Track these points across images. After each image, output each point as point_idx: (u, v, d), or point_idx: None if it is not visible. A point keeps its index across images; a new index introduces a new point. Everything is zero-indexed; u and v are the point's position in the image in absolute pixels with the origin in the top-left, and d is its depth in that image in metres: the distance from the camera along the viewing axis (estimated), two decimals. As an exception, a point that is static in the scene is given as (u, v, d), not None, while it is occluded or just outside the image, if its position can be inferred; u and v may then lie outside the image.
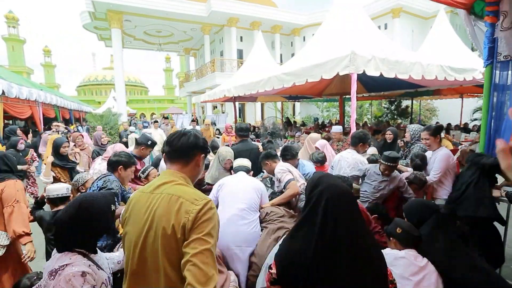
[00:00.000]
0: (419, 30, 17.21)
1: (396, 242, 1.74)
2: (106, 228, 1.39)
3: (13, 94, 6.90)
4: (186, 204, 1.06)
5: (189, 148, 1.21)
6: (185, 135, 1.22)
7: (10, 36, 45.92)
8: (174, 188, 1.13)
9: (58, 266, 1.19)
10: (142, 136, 3.45)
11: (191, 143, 1.21)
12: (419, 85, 6.44)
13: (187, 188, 1.15)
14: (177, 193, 1.10)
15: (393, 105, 12.83)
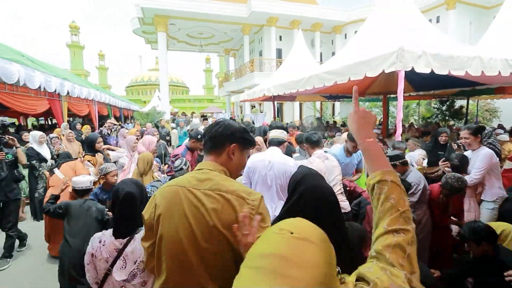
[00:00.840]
0: (478, 22, 15.53)
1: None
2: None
3: (75, 94, 7.71)
4: (237, 201, 0.97)
5: (221, 138, 1.13)
6: (218, 125, 1.16)
7: (73, 43, 51.42)
8: (217, 182, 1.03)
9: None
10: (193, 130, 3.74)
11: (222, 133, 1.13)
12: (477, 82, 5.83)
13: (231, 182, 1.05)
14: (222, 188, 1.00)
15: (445, 105, 11.76)
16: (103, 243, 1.37)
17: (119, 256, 1.35)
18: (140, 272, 1.35)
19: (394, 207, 0.72)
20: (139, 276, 1.34)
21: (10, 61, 4.78)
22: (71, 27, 51.59)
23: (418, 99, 12.14)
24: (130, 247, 1.36)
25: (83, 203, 2.43)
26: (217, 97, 45.37)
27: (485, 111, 12.65)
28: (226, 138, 1.13)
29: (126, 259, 1.35)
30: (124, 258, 1.35)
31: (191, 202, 1.00)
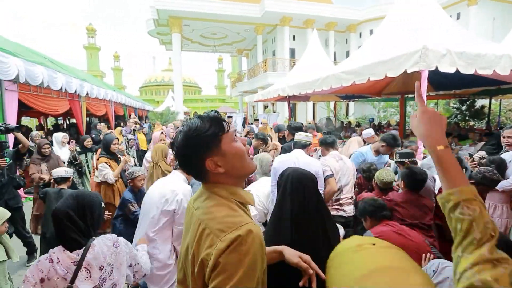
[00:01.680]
0: (502, 18, 14.91)
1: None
2: (100, 221, 1.50)
3: (93, 95, 7.92)
4: (210, 237, 0.77)
5: (187, 156, 0.86)
6: (179, 136, 0.86)
7: (90, 45, 52.88)
8: (203, 208, 0.85)
9: (116, 239, 1.45)
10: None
11: (185, 145, 0.85)
12: (503, 81, 5.59)
13: (217, 208, 0.82)
14: (203, 216, 0.82)
15: (465, 105, 11.36)
16: (56, 261, 1.29)
17: (79, 267, 1.29)
18: (109, 275, 1.34)
19: (488, 234, 0.62)
20: (109, 279, 1.33)
21: (34, 63, 4.95)
22: (88, 29, 53.05)
23: (436, 99, 11.79)
24: (90, 255, 1.31)
25: (58, 191, 2.79)
26: (229, 97, 45.58)
27: (508, 111, 12.15)
28: (195, 152, 0.84)
29: (90, 268, 1.30)
30: (87, 268, 1.30)
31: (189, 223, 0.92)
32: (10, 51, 4.42)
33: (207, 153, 0.83)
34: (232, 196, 0.85)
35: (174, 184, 2.11)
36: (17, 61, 4.46)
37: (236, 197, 0.86)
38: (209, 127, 0.83)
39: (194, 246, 0.80)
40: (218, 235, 0.75)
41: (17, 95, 4.72)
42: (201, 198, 0.88)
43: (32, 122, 16.89)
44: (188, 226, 0.91)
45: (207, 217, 0.81)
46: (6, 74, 4.25)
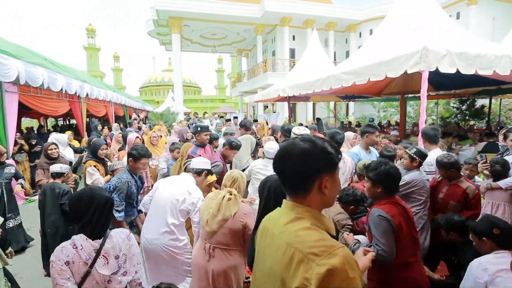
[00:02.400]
0: (502, 17, 14.90)
1: (492, 244, 1.66)
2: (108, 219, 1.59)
3: (93, 96, 7.92)
4: (304, 262, 0.75)
5: (305, 166, 0.87)
6: (291, 152, 0.89)
7: (89, 45, 52.87)
8: (289, 232, 0.85)
9: (127, 231, 1.60)
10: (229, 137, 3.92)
11: (306, 160, 0.87)
12: (503, 81, 5.59)
13: (306, 232, 0.82)
14: (292, 240, 0.82)
15: (465, 105, 11.36)
16: (80, 248, 1.42)
17: (99, 254, 1.43)
18: (123, 264, 1.49)
19: None
20: (123, 267, 1.49)
21: (35, 65, 4.95)
22: (88, 30, 53.03)
23: (436, 99, 11.79)
24: (108, 244, 1.46)
25: (52, 185, 3.13)
26: (229, 97, 45.56)
27: (508, 110, 12.16)
28: (315, 165, 0.87)
29: (107, 256, 1.45)
30: (105, 256, 1.44)
31: (271, 248, 0.92)
32: (10, 53, 4.42)
33: (325, 172, 0.87)
34: (318, 222, 0.86)
35: (189, 186, 2.39)
36: (17, 62, 4.46)
37: (321, 224, 0.87)
38: (334, 151, 0.89)
39: (282, 272, 0.79)
40: (313, 259, 0.74)
41: (17, 96, 4.72)
42: (283, 220, 0.89)
43: (32, 123, 16.90)
44: (265, 249, 0.92)
45: (297, 240, 0.80)
46: (6, 76, 4.25)
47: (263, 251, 0.94)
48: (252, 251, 1.20)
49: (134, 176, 2.79)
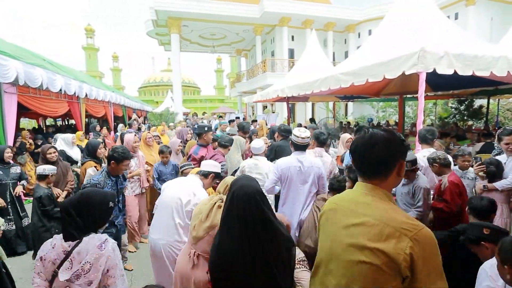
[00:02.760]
0: (500, 18, 14.97)
1: (492, 245, 1.58)
2: (102, 219, 1.59)
3: (92, 96, 7.91)
4: (396, 236, 0.91)
5: (387, 153, 1.02)
6: (376, 141, 1.04)
7: (88, 45, 52.81)
8: (376, 208, 1.00)
9: (104, 240, 1.48)
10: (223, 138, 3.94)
11: (389, 148, 1.02)
12: (500, 82, 5.62)
13: (392, 210, 0.98)
14: (381, 216, 0.96)
15: (463, 105, 11.40)
16: (53, 246, 1.44)
17: (67, 257, 1.41)
18: (84, 273, 1.40)
19: None
20: (83, 276, 1.39)
21: (34, 66, 4.95)
22: (86, 30, 52.94)
23: (435, 99, 11.83)
24: (77, 249, 1.42)
25: (37, 187, 3.13)
26: (228, 97, 45.53)
27: (506, 110, 12.21)
28: (395, 152, 1.03)
29: (73, 260, 1.40)
30: (71, 260, 1.40)
31: (351, 224, 1.07)
32: (9, 54, 4.42)
33: (401, 158, 1.04)
34: (393, 202, 1.05)
35: (195, 187, 2.36)
36: (16, 63, 4.46)
37: (395, 204, 1.05)
38: (406, 142, 1.08)
39: (367, 242, 0.95)
40: (405, 233, 0.90)
41: (16, 97, 4.72)
42: (365, 200, 1.04)
43: (31, 123, 16.87)
44: (337, 225, 1.09)
45: (387, 217, 0.96)
46: (5, 77, 4.25)
47: (333, 227, 1.11)
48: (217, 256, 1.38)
49: (112, 177, 2.79)
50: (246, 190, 1.40)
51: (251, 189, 1.41)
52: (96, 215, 1.53)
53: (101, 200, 1.56)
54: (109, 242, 1.49)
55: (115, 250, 1.49)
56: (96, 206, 1.53)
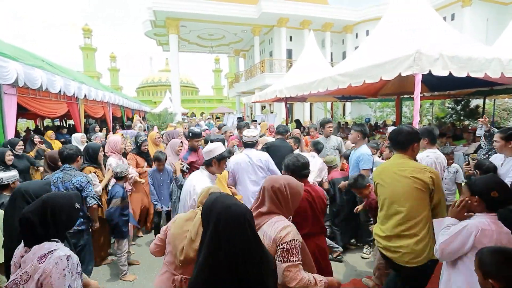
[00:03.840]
0: (496, 18, 15.10)
1: (483, 204, 1.64)
2: (70, 222, 1.56)
3: (91, 97, 7.92)
4: (423, 171, 1.99)
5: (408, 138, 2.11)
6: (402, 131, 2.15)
7: (86, 45, 52.63)
8: (411, 164, 2.07)
9: (48, 251, 1.35)
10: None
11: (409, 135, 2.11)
12: (495, 82, 5.71)
13: (418, 164, 2.13)
14: (415, 166, 2.06)
15: (460, 105, 11.51)
16: (18, 249, 1.46)
17: (19, 262, 1.41)
18: (23, 283, 1.31)
19: None
20: (22, 286, 1.31)
21: (33, 67, 4.96)
22: (84, 30, 52.77)
23: (432, 99, 11.93)
24: (25, 257, 1.38)
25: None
26: (226, 97, 45.57)
27: (502, 110, 12.33)
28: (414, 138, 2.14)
29: (21, 268, 1.38)
30: (19, 266, 1.40)
31: (397, 171, 2.13)
32: (9, 55, 4.44)
33: (415, 141, 2.12)
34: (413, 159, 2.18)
35: (197, 181, 2.36)
36: (16, 65, 4.48)
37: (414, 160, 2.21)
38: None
39: (413, 173, 2.00)
40: (426, 169, 2.02)
41: (16, 98, 4.73)
42: (403, 160, 2.11)
43: (29, 124, 16.83)
44: (390, 172, 2.13)
45: (416, 165, 2.06)
46: (5, 78, 4.27)
47: (388, 177, 2.14)
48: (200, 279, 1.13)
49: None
50: (234, 212, 1.17)
51: (240, 210, 1.18)
52: (63, 219, 1.47)
53: (67, 204, 1.51)
54: (53, 255, 1.34)
55: (57, 264, 1.32)
56: (62, 211, 1.47)
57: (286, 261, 1.41)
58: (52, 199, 1.49)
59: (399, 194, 2.03)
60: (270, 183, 1.61)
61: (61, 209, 1.47)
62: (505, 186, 1.67)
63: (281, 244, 1.42)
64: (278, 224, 1.49)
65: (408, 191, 1.99)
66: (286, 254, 1.41)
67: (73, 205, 1.55)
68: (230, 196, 1.32)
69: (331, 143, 4.49)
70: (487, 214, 1.63)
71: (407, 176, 1.99)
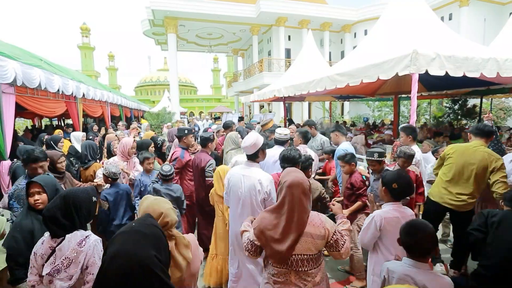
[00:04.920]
0: (493, 18, 15.18)
1: (389, 194, 2.03)
2: (90, 214, 1.65)
3: (90, 96, 7.91)
4: (489, 157, 2.59)
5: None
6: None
7: (84, 44, 52.35)
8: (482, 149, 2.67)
9: (84, 237, 1.53)
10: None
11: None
12: (492, 82, 5.75)
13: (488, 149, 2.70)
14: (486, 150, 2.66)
15: (457, 104, 11.57)
16: (42, 242, 1.54)
17: (52, 253, 1.49)
18: (64, 268, 1.46)
19: None
20: (64, 271, 1.46)
21: (32, 66, 4.96)
22: (82, 29, 52.51)
23: (429, 99, 11.99)
24: (60, 245, 1.49)
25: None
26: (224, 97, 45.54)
27: (499, 110, 12.40)
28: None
29: (56, 256, 1.48)
30: (55, 255, 1.49)
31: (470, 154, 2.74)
32: (7, 54, 4.43)
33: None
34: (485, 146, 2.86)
35: (259, 174, 2.36)
36: (14, 64, 4.47)
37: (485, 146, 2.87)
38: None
39: (483, 162, 2.64)
40: (498, 157, 2.63)
41: (14, 98, 4.73)
42: (472, 145, 2.78)
43: (26, 123, 16.77)
44: (466, 155, 2.74)
45: (488, 151, 2.69)
46: (4, 78, 4.26)
47: (462, 156, 2.75)
48: None
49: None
50: (123, 262, 1.00)
51: (136, 259, 1.01)
52: (84, 212, 1.59)
53: (86, 198, 1.62)
54: (90, 239, 1.54)
55: (96, 247, 1.53)
56: (83, 205, 1.58)
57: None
58: (73, 193, 1.59)
59: (467, 169, 2.73)
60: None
61: (81, 203, 1.58)
62: (405, 180, 2.01)
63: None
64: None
65: (473, 171, 2.69)
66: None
67: (90, 198, 1.64)
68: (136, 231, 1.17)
69: (316, 143, 4.58)
70: (392, 203, 2.00)
71: (476, 161, 2.68)
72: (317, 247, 1.53)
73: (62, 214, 1.52)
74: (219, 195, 2.90)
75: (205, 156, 3.54)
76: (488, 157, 2.61)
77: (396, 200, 2.00)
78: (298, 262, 1.52)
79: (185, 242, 1.51)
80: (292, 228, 1.50)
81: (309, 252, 1.52)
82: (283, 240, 1.51)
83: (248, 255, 1.63)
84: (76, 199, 1.57)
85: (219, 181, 2.93)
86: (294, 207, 1.50)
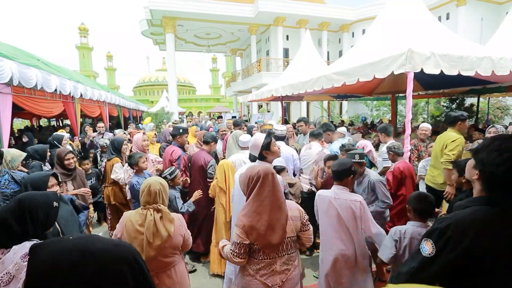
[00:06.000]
0: (490, 18, 15.25)
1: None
2: (49, 222, 1.49)
3: (87, 96, 7.91)
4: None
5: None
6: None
7: (82, 45, 52.23)
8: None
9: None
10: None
11: None
12: (488, 81, 5.78)
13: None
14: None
15: (455, 103, 11.61)
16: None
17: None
18: (3, 284, 1.27)
19: None
20: (3, 287, 1.28)
21: (28, 66, 4.96)
22: (80, 29, 52.36)
23: (427, 98, 12.03)
24: (3, 258, 1.31)
25: None
26: (223, 97, 45.52)
27: (496, 109, 12.45)
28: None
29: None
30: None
31: None
32: (4, 54, 4.43)
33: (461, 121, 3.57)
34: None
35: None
36: (11, 63, 4.47)
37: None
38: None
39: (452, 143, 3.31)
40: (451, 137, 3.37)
41: (11, 97, 4.73)
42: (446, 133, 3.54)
43: (24, 124, 16.73)
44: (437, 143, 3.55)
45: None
46: (0, 77, 4.27)
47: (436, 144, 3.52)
48: None
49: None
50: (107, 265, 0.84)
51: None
52: (41, 218, 1.43)
53: (44, 201, 1.47)
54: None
55: None
56: (39, 209, 1.43)
57: None
58: (30, 197, 1.45)
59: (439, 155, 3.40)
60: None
61: (38, 207, 1.42)
62: (341, 167, 2.25)
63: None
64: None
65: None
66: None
67: (50, 203, 1.50)
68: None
69: (307, 141, 4.53)
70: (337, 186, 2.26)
71: (447, 142, 3.37)
72: (296, 228, 1.66)
73: (15, 218, 1.36)
74: (221, 187, 2.97)
75: (206, 155, 3.53)
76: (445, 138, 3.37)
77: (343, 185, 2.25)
78: (287, 245, 1.63)
79: (170, 217, 1.84)
80: (278, 212, 1.58)
81: (292, 234, 1.64)
82: (274, 227, 1.56)
83: (238, 262, 1.59)
84: (33, 203, 1.42)
85: (222, 174, 2.96)
86: (274, 191, 1.59)
